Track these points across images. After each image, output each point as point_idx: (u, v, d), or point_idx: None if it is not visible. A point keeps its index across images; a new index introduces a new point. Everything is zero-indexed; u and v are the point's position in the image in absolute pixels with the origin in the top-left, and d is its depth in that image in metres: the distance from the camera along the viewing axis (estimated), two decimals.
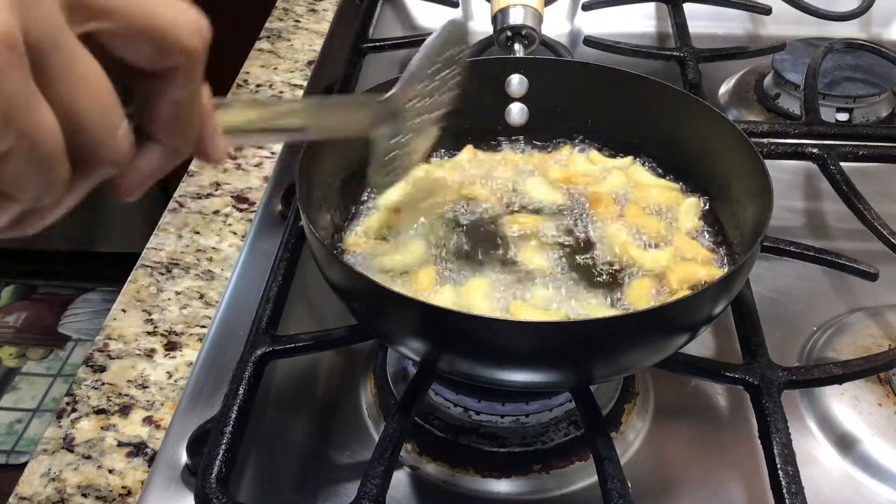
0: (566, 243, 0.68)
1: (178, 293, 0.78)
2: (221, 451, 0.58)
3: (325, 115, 0.54)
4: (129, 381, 0.70)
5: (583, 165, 0.76)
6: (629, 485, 0.55)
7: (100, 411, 0.67)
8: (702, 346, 0.72)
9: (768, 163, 0.64)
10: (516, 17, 0.93)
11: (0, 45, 0.26)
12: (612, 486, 0.55)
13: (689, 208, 0.70)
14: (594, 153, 0.77)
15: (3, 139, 0.27)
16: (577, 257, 0.66)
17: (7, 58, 0.26)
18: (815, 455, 0.65)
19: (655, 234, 0.68)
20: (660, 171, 0.75)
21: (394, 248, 0.67)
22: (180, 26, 0.32)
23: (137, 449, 0.65)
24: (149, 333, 0.74)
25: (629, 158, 0.76)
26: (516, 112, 0.79)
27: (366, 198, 0.72)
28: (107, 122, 0.30)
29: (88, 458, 0.64)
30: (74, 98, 0.29)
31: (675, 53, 1.04)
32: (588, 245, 0.68)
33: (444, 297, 0.62)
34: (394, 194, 0.72)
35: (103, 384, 0.69)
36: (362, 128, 0.58)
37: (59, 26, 0.28)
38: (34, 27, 0.27)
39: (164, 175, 0.36)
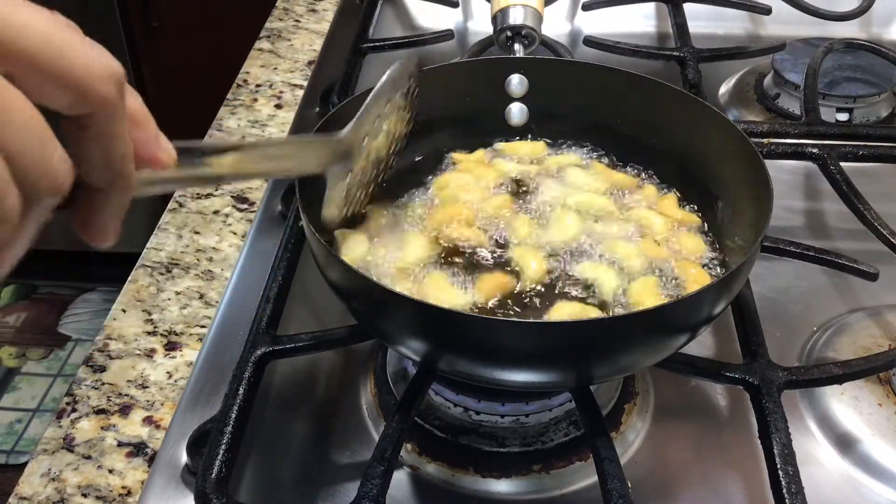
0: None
1: (178, 293, 0.78)
2: (221, 451, 0.58)
3: (275, 157, 0.54)
4: (129, 381, 0.70)
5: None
6: (629, 485, 0.55)
7: (100, 411, 0.67)
8: (702, 346, 0.72)
9: (768, 163, 0.64)
10: (516, 17, 0.93)
11: None
12: (612, 486, 0.55)
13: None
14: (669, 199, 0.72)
15: None
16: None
17: None
18: (815, 455, 0.65)
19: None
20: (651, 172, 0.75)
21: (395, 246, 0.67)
22: (92, 74, 0.32)
23: (137, 449, 0.65)
24: (149, 333, 0.74)
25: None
26: (516, 112, 0.79)
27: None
28: (40, 149, 0.30)
29: (88, 458, 0.64)
30: (5, 134, 0.29)
31: (675, 53, 1.05)
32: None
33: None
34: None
35: (103, 384, 0.69)
36: (315, 167, 0.59)
37: None
38: None
39: (122, 212, 0.36)
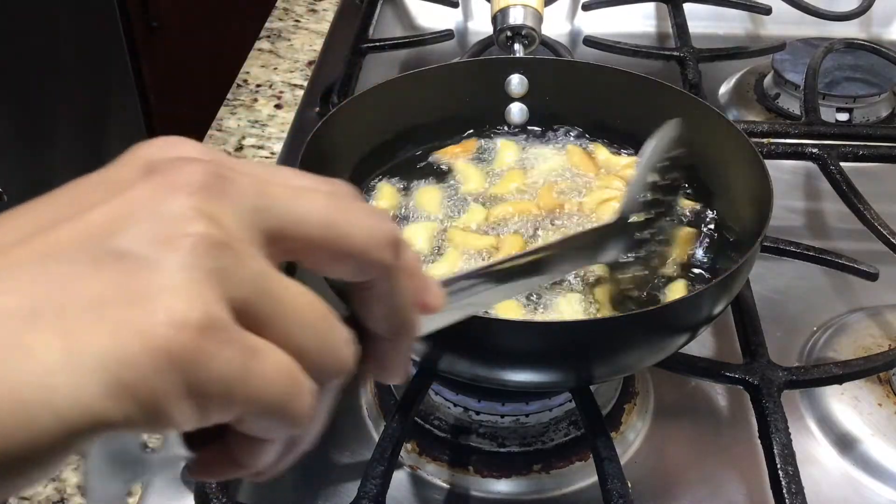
0: None
1: None
2: None
3: (556, 255, 0.51)
4: None
5: None
6: (629, 485, 0.55)
7: None
8: (702, 346, 0.72)
9: (768, 163, 0.64)
10: (516, 17, 0.93)
11: (199, 334, 0.26)
12: (612, 486, 0.55)
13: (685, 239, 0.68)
14: None
15: (230, 412, 0.28)
16: None
17: (209, 342, 0.26)
18: (815, 455, 0.65)
19: None
20: None
21: None
22: (372, 246, 0.32)
23: None
24: None
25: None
26: (516, 112, 0.79)
27: (367, 198, 0.72)
28: (326, 338, 0.31)
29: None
30: (292, 334, 0.29)
31: (675, 53, 1.04)
32: None
33: None
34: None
35: None
36: (596, 258, 0.57)
37: (263, 275, 0.29)
38: (239, 289, 0.28)
39: (409, 352, 0.37)
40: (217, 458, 0.32)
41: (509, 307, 0.62)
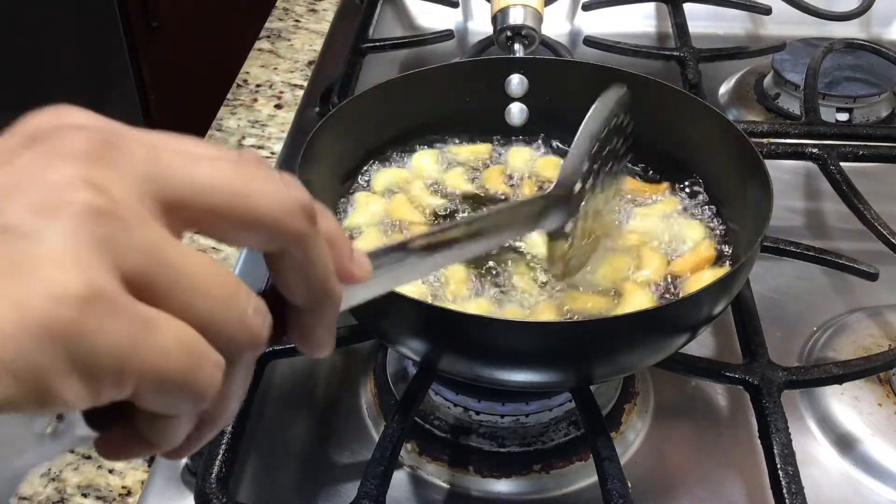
0: None
1: None
2: (221, 451, 0.58)
3: (493, 223, 0.49)
4: None
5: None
6: (629, 485, 0.55)
7: None
8: (702, 346, 0.72)
9: (768, 163, 0.64)
10: (516, 17, 0.93)
11: (81, 306, 0.25)
12: (612, 486, 0.55)
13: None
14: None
15: (124, 387, 0.26)
16: None
17: (93, 314, 0.25)
18: (815, 455, 0.65)
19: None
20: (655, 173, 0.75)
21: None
22: (280, 213, 0.31)
23: None
24: None
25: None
26: (516, 112, 0.79)
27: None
28: (233, 311, 0.29)
29: (88, 458, 0.64)
30: (193, 305, 0.28)
31: (675, 53, 1.04)
32: None
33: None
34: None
35: None
36: (530, 226, 0.55)
37: (156, 243, 0.28)
38: (130, 258, 0.27)
39: (334, 324, 0.36)
40: (124, 436, 0.30)
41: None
